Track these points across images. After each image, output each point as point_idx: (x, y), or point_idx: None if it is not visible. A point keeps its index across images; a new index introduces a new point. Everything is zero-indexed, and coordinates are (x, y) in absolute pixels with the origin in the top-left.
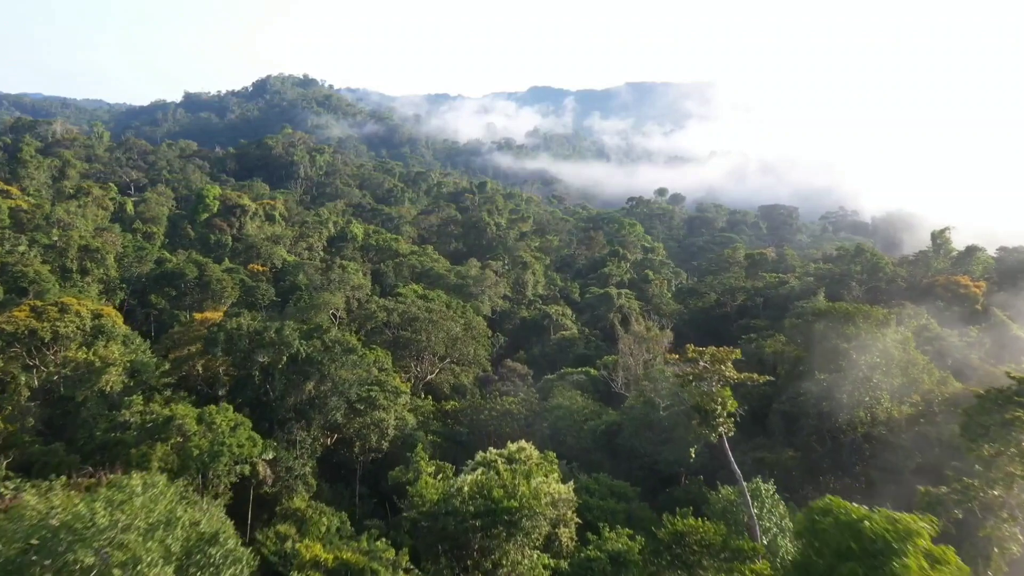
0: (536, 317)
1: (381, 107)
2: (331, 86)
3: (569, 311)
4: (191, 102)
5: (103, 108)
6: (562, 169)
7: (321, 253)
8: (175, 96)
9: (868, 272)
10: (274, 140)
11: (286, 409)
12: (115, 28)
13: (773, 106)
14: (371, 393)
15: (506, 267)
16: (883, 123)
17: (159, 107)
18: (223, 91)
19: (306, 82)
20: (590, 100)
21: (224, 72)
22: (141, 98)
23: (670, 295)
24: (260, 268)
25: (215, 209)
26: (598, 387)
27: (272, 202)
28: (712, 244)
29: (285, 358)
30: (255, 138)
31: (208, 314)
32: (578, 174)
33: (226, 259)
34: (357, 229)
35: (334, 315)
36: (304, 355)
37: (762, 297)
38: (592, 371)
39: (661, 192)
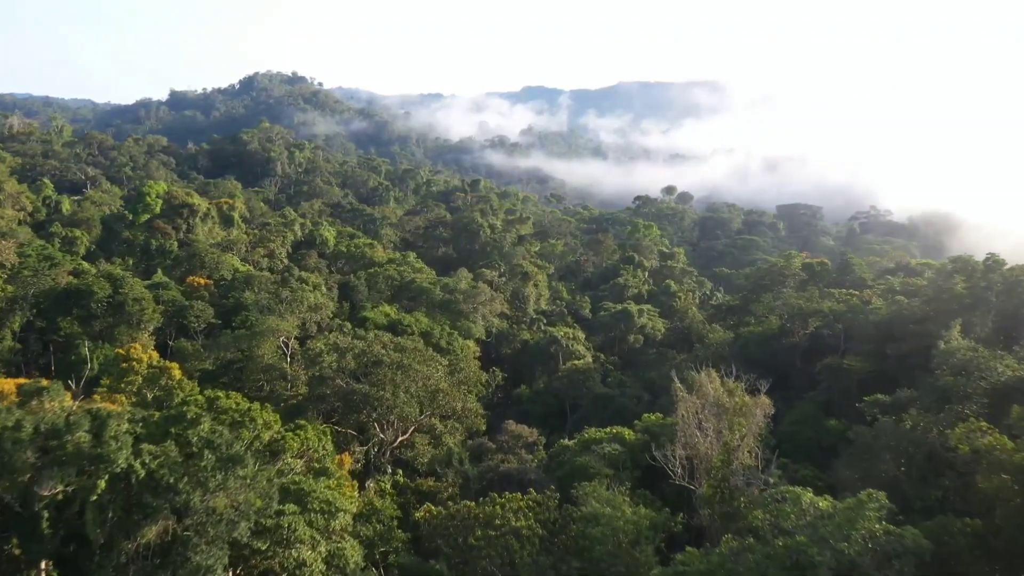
0: (540, 342)
1: (372, 105)
2: (320, 84)
3: (580, 333)
4: (176, 100)
5: (87, 107)
6: (557, 167)
7: (285, 261)
8: (162, 94)
9: (1000, 294)
10: (250, 135)
11: (116, 566)
12: (107, 27)
13: (777, 103)
14: (281, 521)
15: (503, 277)
16: (897, 119)
17: (143, 105)
18: (209, 88)
19: (294, 79)
20: (585, 98)
21: (215, 71)
22: (129, 97)
23: (696, 309)
24: (203, 281)
25: (157, 209)
26: (638, 459)
27: (231, 201)
28: (732, 248)
29: (103, 483)
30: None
31: None
32: (574, 172)
33: (159, 271)
34: (328, 232)
35: (284, 345)
36: (142, 475)
37: (840, 324)
38: (627, 434)
39: (669, 191)
